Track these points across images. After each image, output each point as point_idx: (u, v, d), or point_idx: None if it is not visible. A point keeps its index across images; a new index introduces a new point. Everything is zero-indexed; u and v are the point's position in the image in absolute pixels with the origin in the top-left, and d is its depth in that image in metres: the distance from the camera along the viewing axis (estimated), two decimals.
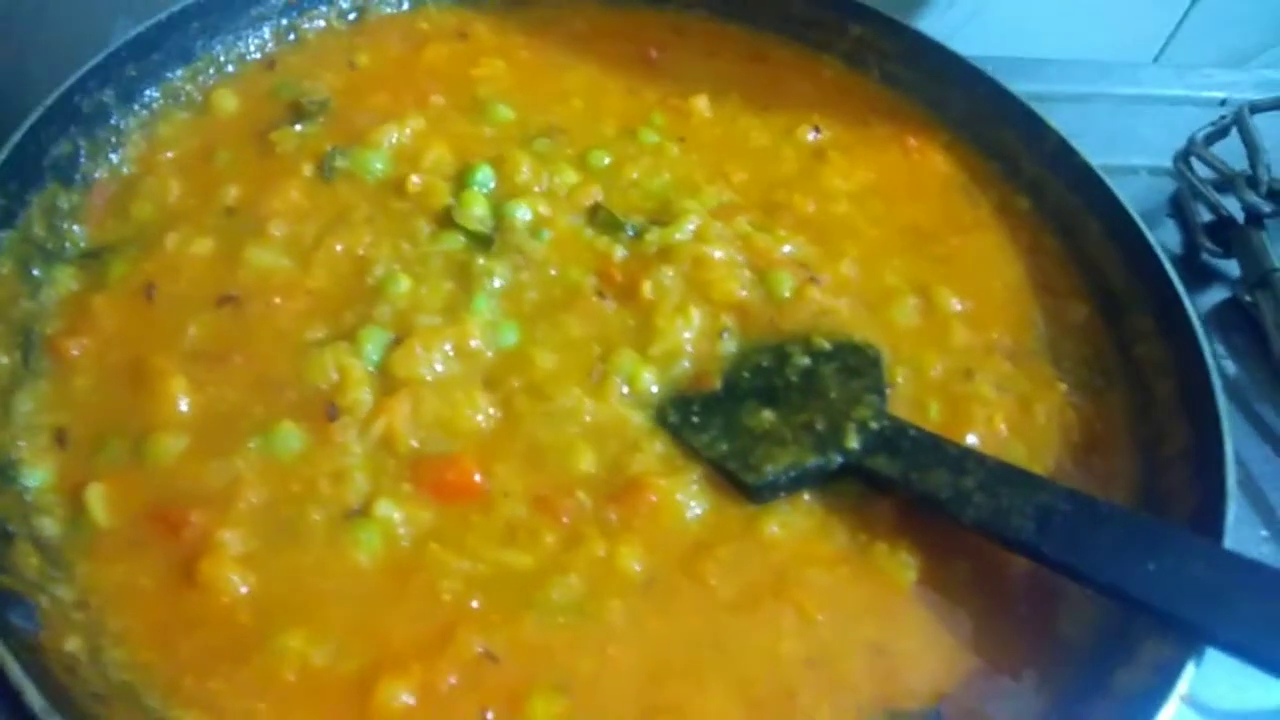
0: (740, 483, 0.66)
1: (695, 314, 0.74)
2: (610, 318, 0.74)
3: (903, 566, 0.64)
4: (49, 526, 0.59)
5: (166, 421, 0.64)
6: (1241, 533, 0.64)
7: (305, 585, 0.59)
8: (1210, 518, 0.65)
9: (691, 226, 0.79)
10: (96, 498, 0.60)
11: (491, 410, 0.67)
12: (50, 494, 0.60)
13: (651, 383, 0.70)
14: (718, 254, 0.78)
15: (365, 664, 0.56)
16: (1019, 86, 0.93)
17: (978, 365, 0.75)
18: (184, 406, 0.64)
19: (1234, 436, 0.69)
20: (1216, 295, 1.01)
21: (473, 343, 0.69)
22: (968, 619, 0.64)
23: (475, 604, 0.59)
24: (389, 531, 0.61)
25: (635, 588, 0.61)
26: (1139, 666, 0.61)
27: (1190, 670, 0.57)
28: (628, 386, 0.70)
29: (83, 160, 0.74)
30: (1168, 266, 0.78)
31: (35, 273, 0.68)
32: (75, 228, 0.72)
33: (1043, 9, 1.26)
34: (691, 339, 0.73)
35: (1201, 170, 1.05)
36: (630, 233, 0.78)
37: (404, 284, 0.71)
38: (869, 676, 0.60)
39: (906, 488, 0.65)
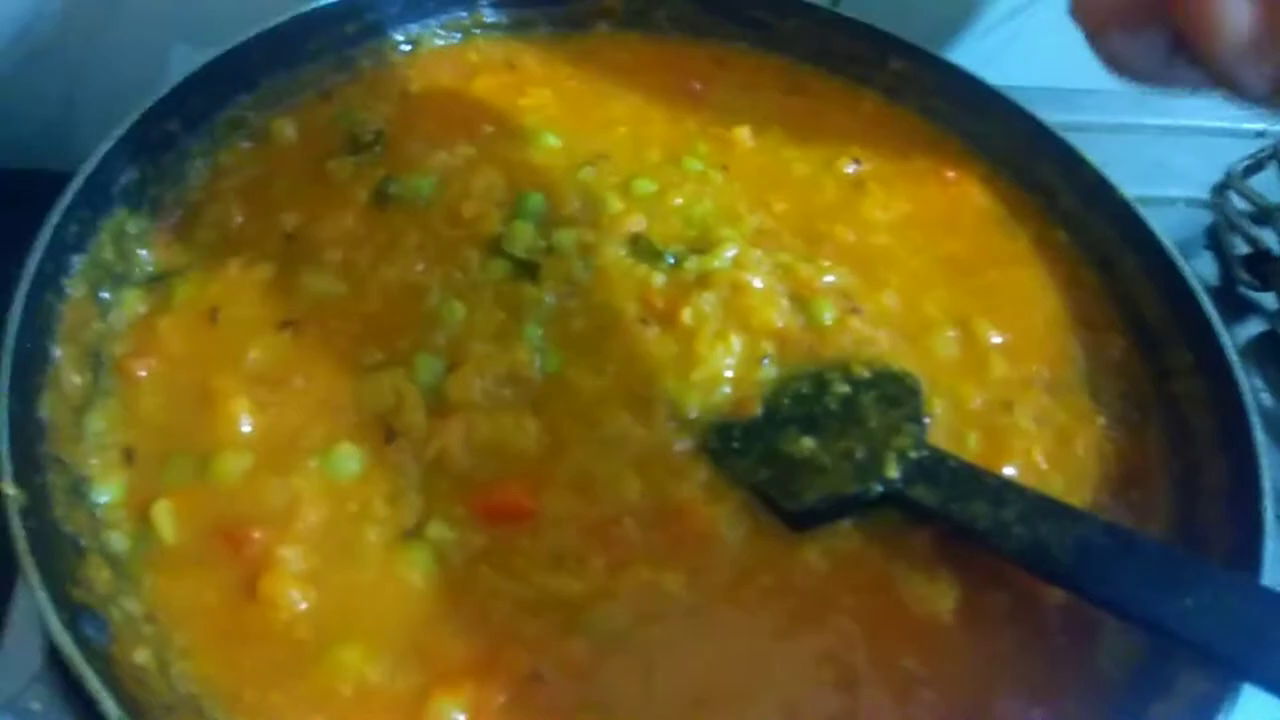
0: (780, 510, 0.67)
1: (735, 340, 0.75)
2: (653, 344, 0.75)
3: (940, 596, 0.65)
4: (118, 541, 0.61)
5: (230, 441, 0.66)
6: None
7: (362, 603, 0.61)
8: (1248, 553, 0.65)
9: (730, 254, 0.81)
10: (163, 514, 0.62)
11: (540, 436, 0.69)
12: (119, 510, 0.63)
13: (694, 409, 0.72)
14: (757, 281, 0.79)
15: (419, 680, 0.58)
16: (1055, 117, 0.94)
17: (1016, 397, 0.76)
18: (246, 427, 0.67)
19: (1273, 470, 0.70)
20: (1253, 328, 1.02)
21: (523, 369, 0.71)
22: (1005, 649, 0.64)
23: (524, 627, 0.60)
24: (442, 552, 0.62)
25: (679, 614, 0.62)
26: (1176, 700, 0.62)
27: (1227, 706, 0.58)
28: (672, 413, 0.71)
29: (150, 187, 0.76)
30: (1205, 301, 0.79)
31: (105, 296, 0.71)
32: (142, 252, 0.75)
33: (1078, 37, 1.27)
34: (732, 365, 0.75)
35: (1238, 203, 1.06)
36: (670, 260, 0.80)
37: (460, 311, 0.73)
38: (907, 704, 0.61)
39: (945, 518, 0.67)
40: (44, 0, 1.00)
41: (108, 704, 0.50)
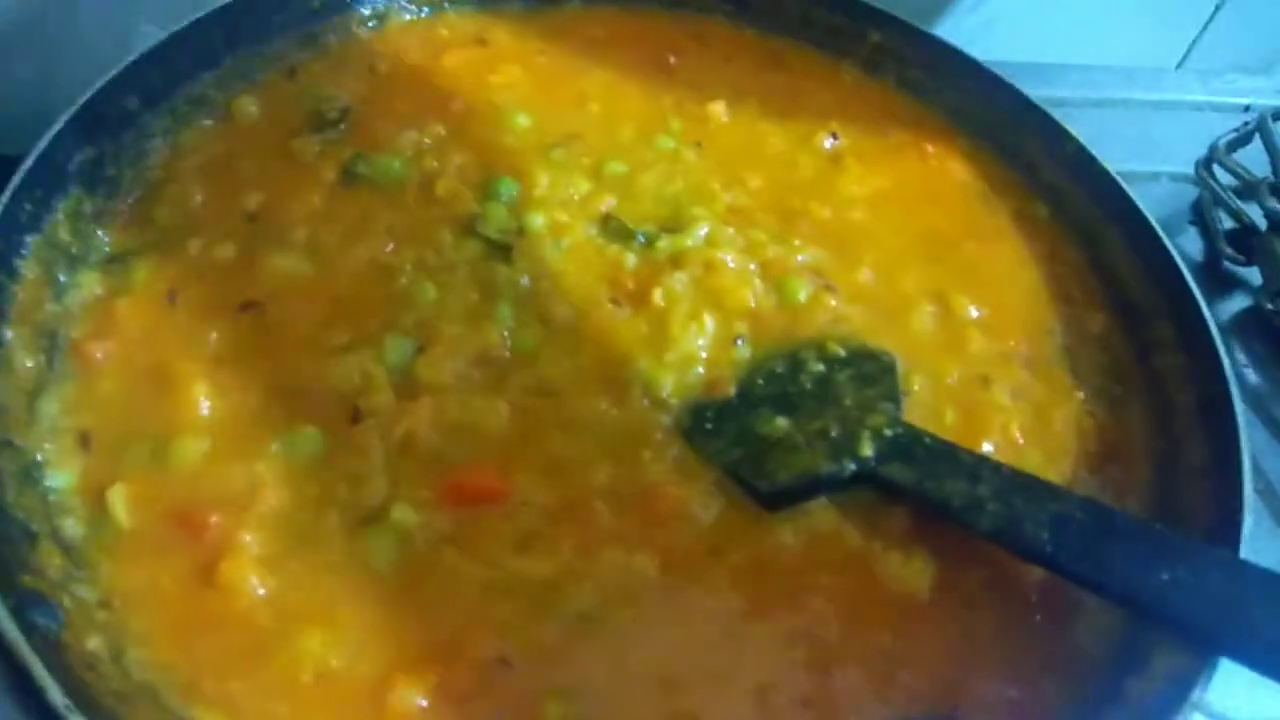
0: (754, 490, 0.66)
1: (709, 321, 0.74)
2: (624, 325, 0.74)
3: (917, 574, 0.64)
4: (72, 527, 0.60)
5: (188, 425, 0.64)
6: (1259, 543, 0.64)
7: (323, 588, 0.59)
8: (1227, 529, 0.64)
9: (702, 233, 0.80)
10: (119, 499, 0.61)
11: (511, 417, 0.67)
12: (74, 495, 0.61)
13: (667, 390, 0.71)
14: (730, 260, 0.78)
15: (382, 667, 0.57)
16: (1039, 92, 0.93)
17: (994, 373, 0.75)
18: (206, 410, 0.65)
19: (1253, 445, 0.69)
20: (1238, 303, 1.01)
21: (494, 350, 0.70)
22: (983, 627, 0.64)
23: (490, 610, 0.59)
24: (406, 536, 0.61)
25: (651, 595, 0.61)
26: (1153, 676, 0.61)
27: (1204, 680, 0.57)
28: (645, 394, 0.70)
29: (107, 166, 0.75)
30: (1188, 277, 0.78)
31: (61, 277, 0.69)
32: (100, 232, 0.73)
33: (1064, 14, 1.26)
34: (705, 346, 0.74)
35: (1224, 177, 1.05)
36: (641, 240, 0.79)
37: (431, 292, 0.72)
38: (884, 684, 0.60)
39: (921, 496, 0.66)
40: None
41: (53, 693, 0.49)
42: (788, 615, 0.62)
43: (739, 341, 0.74)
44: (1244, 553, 0.63)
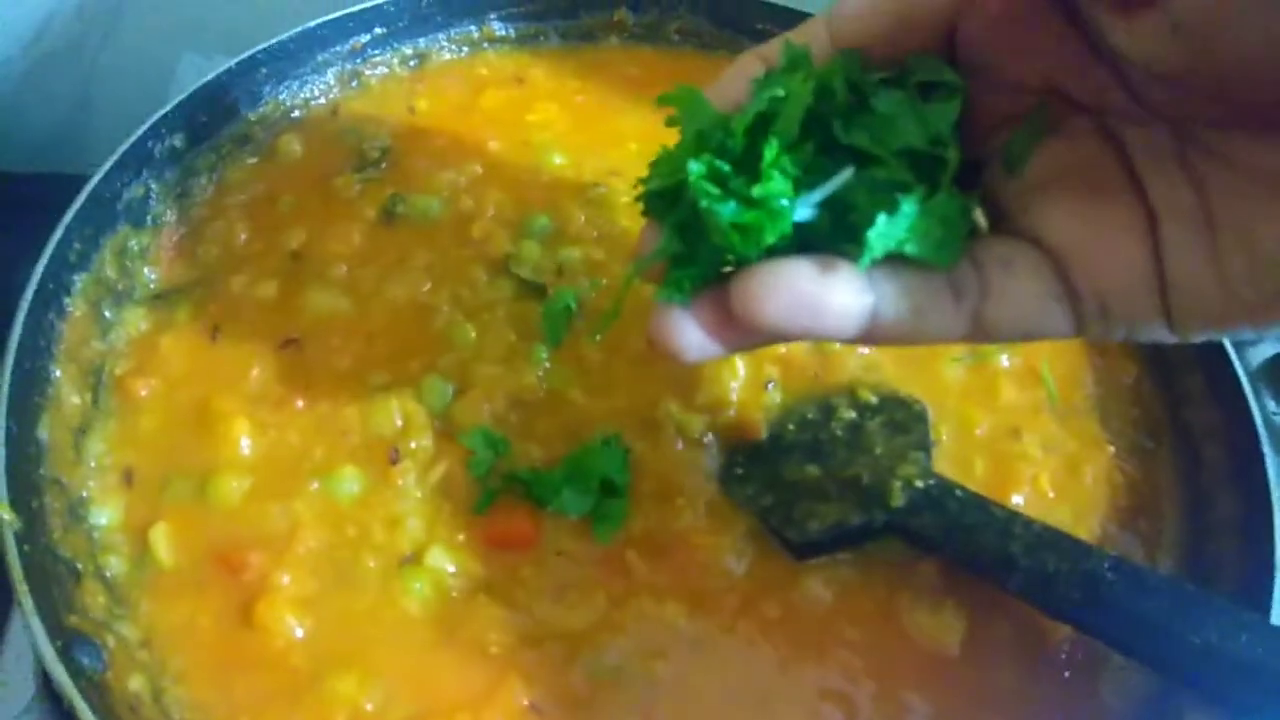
0: (783, 539, 0.67)
1: (739, 364, 0.75)
2: (658, 366, 0.74)
3: (946, 629, 0.65)
4: (115, 565, 0.61)
5: (229, 463, 0.66)
6: None
7: (358, 630, 0.60)
8: (1258, 590, 0.64)
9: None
10: (160, 537, 0.62)
11: (545, 460, 0.68)
12: (117, 533, 0.63)
13: (699, 434, 0.71)
14: None
15: (413, 711, 0.57)
16: None
17: (1025, 424, 0.75)
18: (246, 448, 0.66)
19: None
20: (1267, 349, 1.00)
21: (530, 393, 0.71)
22: (1010, 683, 0.63)
23: (522, 658, 0.60)
24: (440, 581, 0.62)
25: (682, 645, 0.61)
26: None
27: None
28: (679, 435, 0.71)
29: (154, 203, 0.76)
30: None
31: (106, 314, 0.71)
32: (145, 269, 0.75)
33: None
34: (737, 389, 0.74)
35: None
36: None
37: (469, 332, 0.73)
38: None
39: (951, 550, 0.66)
40: (60, 1, 1.00)
41: None
42: (816, 668, 0.62)
43: (770, 386, 0.75)
44: (1276, 612, 0.63)
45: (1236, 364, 0.76)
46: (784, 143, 0.45)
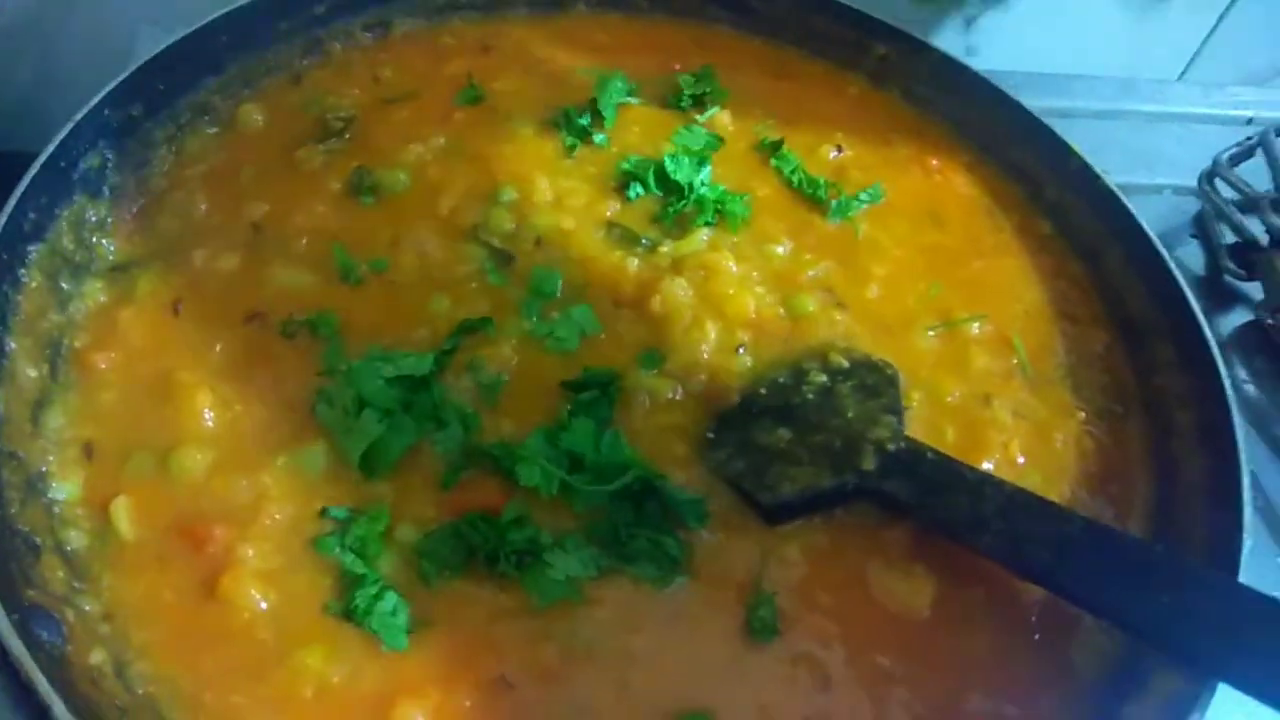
0: (756, 503, 0.66)
1: (710, 328, 0.74)
2: (626, 331, 0.74)
3: (917, 592, 0.65)
4: (76, 539, 0.60)
5: (191, 436, 0.64)
6: (1260, 560, 0.64)
7: (324, 604, 0.59)
8: (1226, 551, 0.65)
9: (704, 239, 0.80)
10: (122, 511, 0.61)
11: (514, 432, 0.67)
12: (77, 507, 0.61)
13: (668, 397, 0.71)
14: (733, 268, 0.78)
15: (383, 684, 0.57)
16: (1042, 102, 0.93)
17: (996, 391, 0.75)
18: (209, 421, 0.65)
19: (1253, 461, 0.69)
20: (1238, 318, 1.01)
21: (503, 362, 0.70)
22: (981, 647, 0.64)
23: (494, 630, 0.59)
24: (408, 555, 0.61)
25: (655, 617, 0.61)
26: (1150, 698, 0.61)
27: (1202, 704, 0.58)
28: (648, 400, 0.70)
29: (111, 174, 0.74)
30: (1189, 295, 0.77)
31: (64, 286, 0.69)
32: (104, 241, 0.73)
33: (1067, 25, 1.26)
34: (708, 352, 0.74)
35: (1226, 191, 1.05)
36: (645, 244, 0.79)
37: (443, 303, 0.72)
38: (882, 703, 0.61)
39: (923, 512, 0.66)
40: None
41: (58, 708, 0.49)
42: (792, 634, 0.62)
43: (741, 350, 0.74)
44: (1243, 572, 0.63)
45: (1207, 332, 0.76)
46: None
